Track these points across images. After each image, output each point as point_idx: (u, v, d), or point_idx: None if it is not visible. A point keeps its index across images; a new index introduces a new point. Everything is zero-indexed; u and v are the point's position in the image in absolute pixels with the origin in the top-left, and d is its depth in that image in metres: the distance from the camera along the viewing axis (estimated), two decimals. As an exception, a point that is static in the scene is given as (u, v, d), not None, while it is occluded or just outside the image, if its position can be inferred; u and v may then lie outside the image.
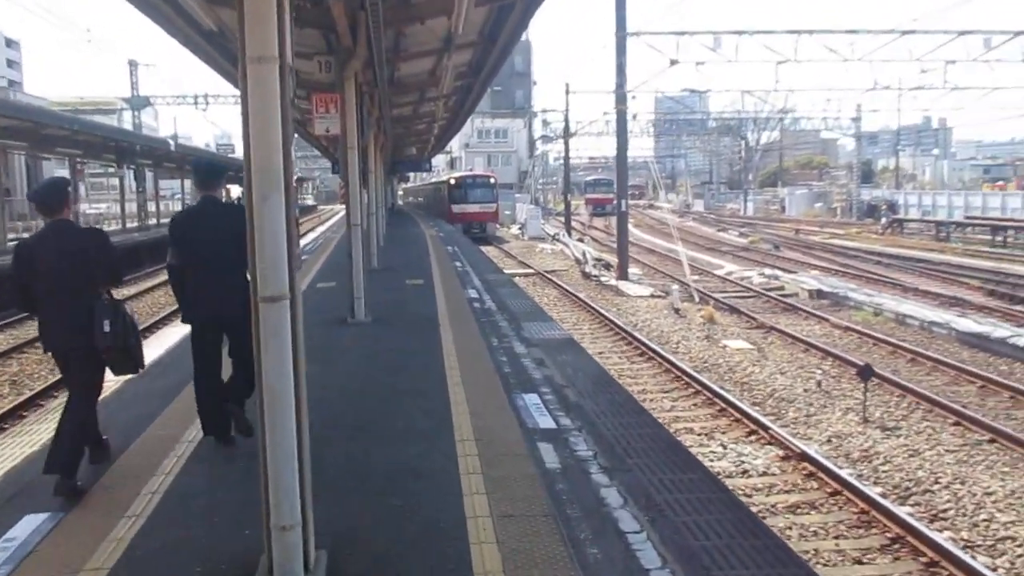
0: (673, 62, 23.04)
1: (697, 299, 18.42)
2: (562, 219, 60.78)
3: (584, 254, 26.75)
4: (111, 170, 39.25)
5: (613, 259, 27.63)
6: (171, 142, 37.14)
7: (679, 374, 12.56)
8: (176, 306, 7.00)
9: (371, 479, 4.77)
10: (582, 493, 4.55)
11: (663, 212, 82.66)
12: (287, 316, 3.27)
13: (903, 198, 55.01)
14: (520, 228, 47.88)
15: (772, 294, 21.07)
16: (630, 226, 60.85)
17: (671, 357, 13.46)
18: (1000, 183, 72.61)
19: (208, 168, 5.61)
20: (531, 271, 27.27)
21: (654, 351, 14.02)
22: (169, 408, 6.35)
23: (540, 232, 44.17)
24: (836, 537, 7.01)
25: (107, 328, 4.59)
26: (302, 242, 32.84)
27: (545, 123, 58.75)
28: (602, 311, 18.28)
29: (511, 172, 72.85)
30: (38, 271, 4.69)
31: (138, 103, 42.53)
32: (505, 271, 23.76)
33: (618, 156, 24.58)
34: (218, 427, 5.40)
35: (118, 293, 5.36)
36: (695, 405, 11.09)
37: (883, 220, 45.44)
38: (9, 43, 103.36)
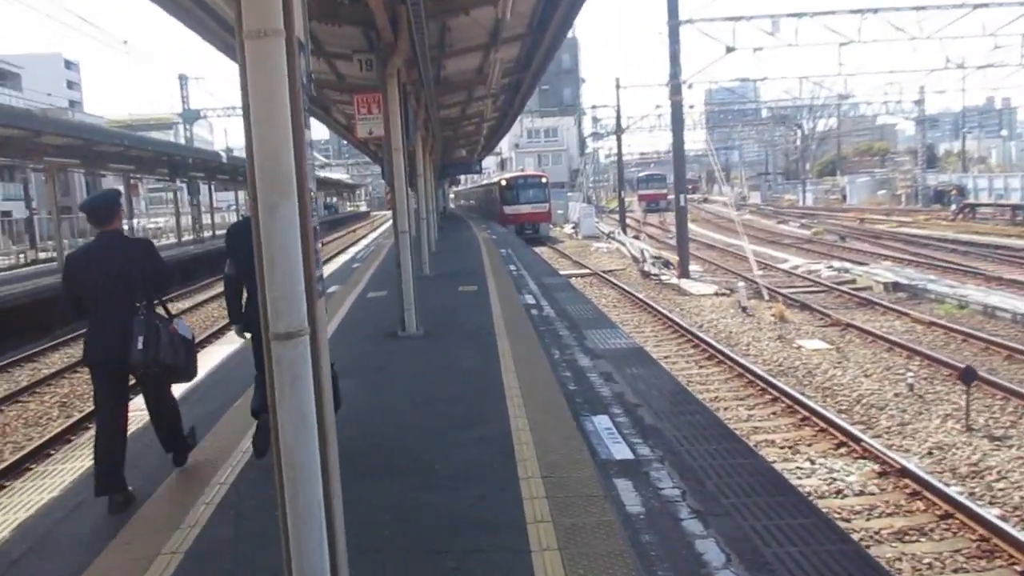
0: (729, 49, 22.01)
1: (767, 296, 17.43)
2: (615, 217, 59.91)
3: (642, 252, 25.87)
4: (166, 184, 39.58)
5: (672, 256, 26.70)
6: (223, 154, 37.31)
7: (753, 379, 11.69)
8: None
9: (422, 534, 4.10)
10: (674, 546, 3.82)
11: (720, 206, 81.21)
12: (307, 356, 2.58)
13: (972, 182, 52.77)
14: (574, 227, 47.07)
15: (844, 288, 19.92)
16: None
17: (743, 360, 12.59)
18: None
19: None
20: (587, 271, 26.49)
21: (724, 354, 13.15)
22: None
23: (594, 231, 43.32)
24: (956, 571, 6.13)
25: (140, 345, 4.56)
26: (354, 249, 32.63)
27: (595, 120, 57.74)
28: (665, 312, 17.43)
29: (562, 171, 72.02)
30: (87, 282, 4.71)
31: (189, 116, 42.89)
32: (561, 272, 23.07)
33: (674, 149, 23.65)
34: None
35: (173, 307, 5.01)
36: (774, 414, 10.22)
37: (953, 206, 43.41)
38: (68, 64, 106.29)
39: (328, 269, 20.58)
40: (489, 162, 72.49)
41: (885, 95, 56.29)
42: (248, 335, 5.35)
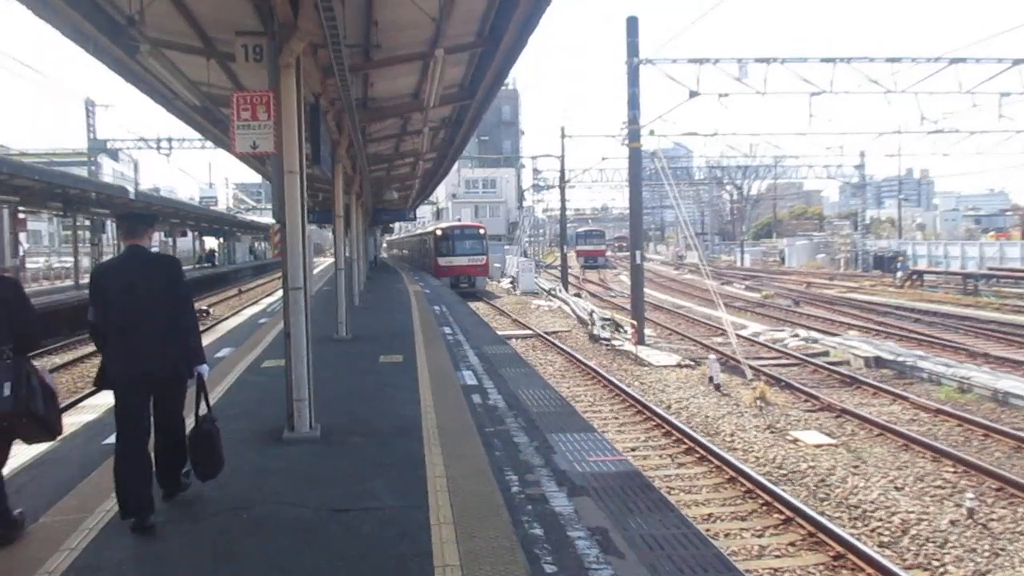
0: (693, 94, 19.99)
1: (749, 375, 14.93)
2: (553, 272, 57.71)
3: (591, 314, 23.37)
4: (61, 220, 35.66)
5: (622, 318, 24.31)
6: (130, 189, 33.74)
7: (751, 487, 9.14)
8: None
9: None
10: None
11: (659, 264, 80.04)
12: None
13: (911, 248, 52.40)
14: (511, 282, 44.60)
15: (817, 362, 17.71)
16: (624, 277, 58.01)
17: (731, 459, 10.05)
18: (1000, 232, 70.44)
19: (134, 217, 5.04)
20: (529, 332, 23.84)
21: (707, 449, 10.60)
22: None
23: (533, 287, 40.87)
24: None
25: (6, 392, 4.12)
26: (270, 300, 29.26)
27: (536, 171, 55.78)
28: (623, 387, 14.87)
29: (500, 223, 69.82)
30: None
31: (96, 147, 39.16)
32: (499, 332, 20.39)
33: (631, 200, 21.39)
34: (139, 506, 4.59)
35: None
36: (793, 546, 7.63)
37: (899, 273, 42.40)
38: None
39: (226, 326, 17.46)
40: (424, 211, 69.86)
41: (825, 157, 55.80)
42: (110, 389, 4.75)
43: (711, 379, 15.32)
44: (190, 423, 5.06)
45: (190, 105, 10.43)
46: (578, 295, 36.58)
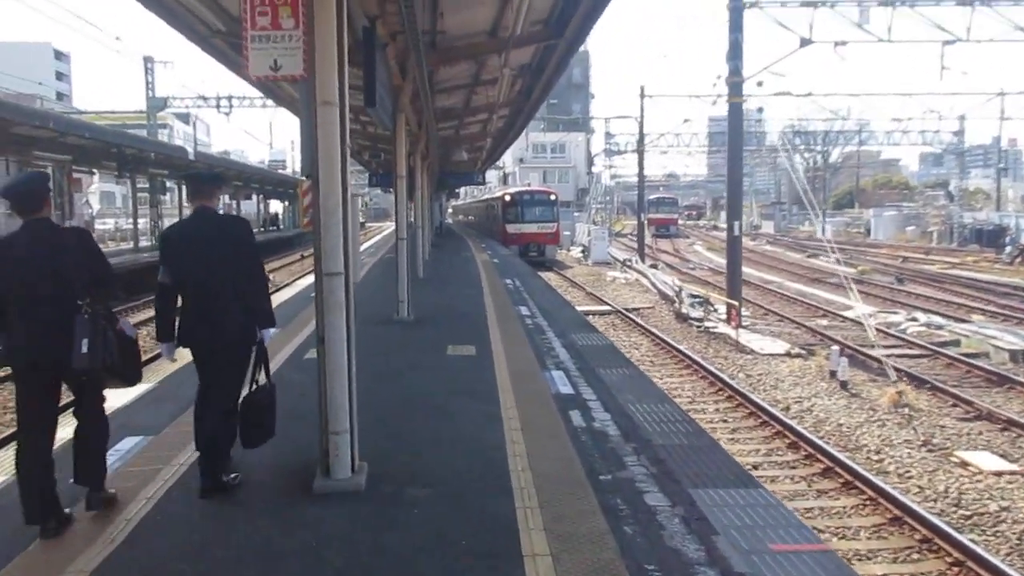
0: (805, 41, 17.39)
1: (893, 376, 12.44)
2: (623, 242, 55.18)
3: (678, 290, 21.08)
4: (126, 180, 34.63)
5: (710, 293, 21.94)
6: (189, 149, 32.52)
7: (926, 532, 6.97)
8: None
9: None
10: None
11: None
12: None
13: (1014, 222, 48.31)
14: (583, 251, 42.32)
15: (950, 352, 15.20)
16: (699, 247, 55.23)
17: (887, 488, 7.87)
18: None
19: (200, 177, 4.95)
20: (607, 308, 21.73)
21: (851, 471, 8.43)
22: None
23: (606, 257, 38.55)
24: None
25: (83, 349, 3.97)
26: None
27: (608, 135, 53.02)
28: (727, 379, 12.72)
29: (569, 190, 67.33)
30: (7, 276, 4.07)
31: (156, 105, 38.03)
32: (576, 307, 18.34)
33: (730, 162, 18.92)
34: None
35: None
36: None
37: (1008, 248, 38.73)
38: (59, 55, 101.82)
39: (280, 297, 15.77)
40: (491, 177, 67.69)
41: (923, 122, 51.70)
42: (186, 350, 4.75)
43: (833, 374, 13.02)
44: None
45: (213, 29, 8.51)
46: (654, 266, 34.22)
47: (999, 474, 8.61)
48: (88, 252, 4.28)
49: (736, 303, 17.40)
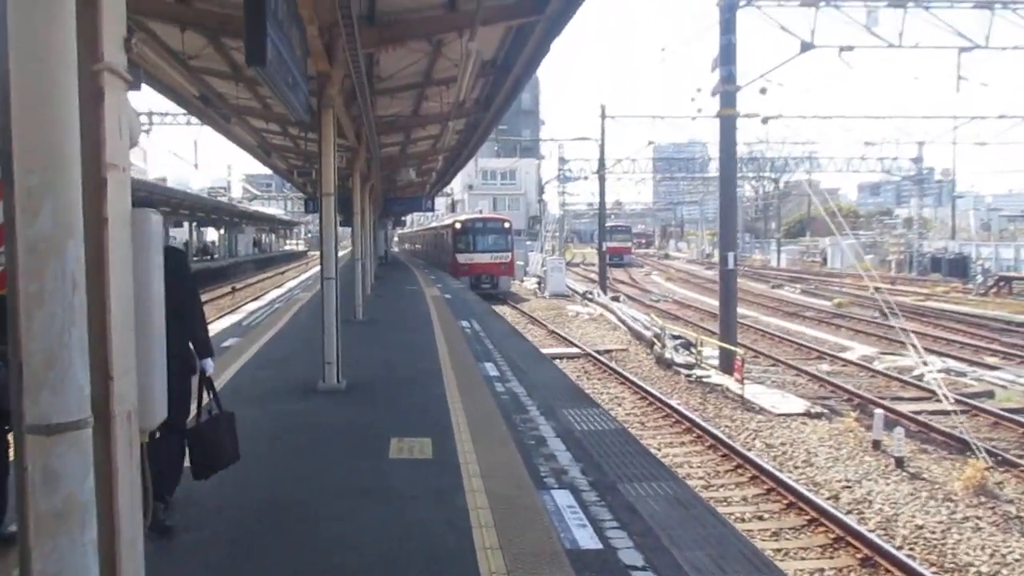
0: (806, 45, 15.09)
1: (984, 458, 9.75)
2: (578, 272, 52.78)
3: (662, 331, 18.40)
4: None
5: (703, 337, 19.31)
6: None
7: None
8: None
9: None
10: None
11: (683, 262, 74.96)
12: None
13: (974, 251, 47.34)
14: (538, 283, 39.67)
15: (992, 408, 12.82)
16: (657, 277, 53.07)
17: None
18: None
19: None
20: (576, 350, 18.96)
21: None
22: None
23: (564, 289, 35.89)
24: None
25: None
26: (250, 307, 24.28)
27: (562, 160, 50.73)
28: (746, 452, 10.06)
29: (520, 217, 64.90)
30: None
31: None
32: (541, 350, 15.55)
33: (722, 181, 16.46)
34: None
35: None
36: None
37: (978, 279, 37.23)
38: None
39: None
40: (439, 204, 64.78)
41: (880, 149, 50.49)
42: None
43: (877, 444, 10.43)
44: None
45: None
46: (616, 298, 31.67)
47: None
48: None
49: (739, 351, 14.76)
